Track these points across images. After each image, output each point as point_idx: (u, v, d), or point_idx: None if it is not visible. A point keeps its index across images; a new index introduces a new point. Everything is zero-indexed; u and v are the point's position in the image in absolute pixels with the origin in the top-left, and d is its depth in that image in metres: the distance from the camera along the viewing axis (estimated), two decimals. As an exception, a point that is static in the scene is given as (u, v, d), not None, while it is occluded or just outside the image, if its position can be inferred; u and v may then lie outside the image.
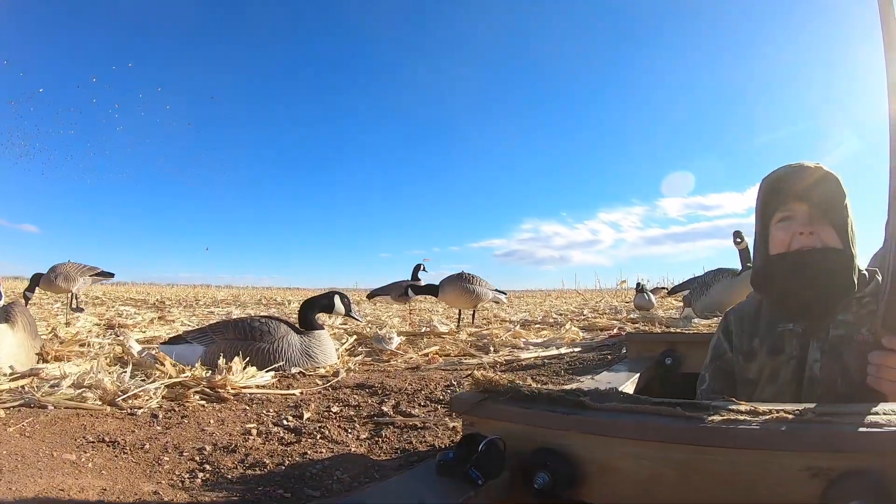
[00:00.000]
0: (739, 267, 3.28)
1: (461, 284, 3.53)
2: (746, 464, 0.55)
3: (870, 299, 0.83)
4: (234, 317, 3.16)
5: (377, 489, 0.64)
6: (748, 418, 0.56)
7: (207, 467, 1.02)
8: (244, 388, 1.55)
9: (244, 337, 1.85)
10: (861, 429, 0.51)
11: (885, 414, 0.53)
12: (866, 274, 0.86)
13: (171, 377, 1.51)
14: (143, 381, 1.48)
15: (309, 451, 1.11)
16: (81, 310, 4.54)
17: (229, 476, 0.99)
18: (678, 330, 2.56)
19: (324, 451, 1.12)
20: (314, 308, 2.09)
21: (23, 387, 1.39)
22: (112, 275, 4.81)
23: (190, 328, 3.45)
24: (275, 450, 1.12)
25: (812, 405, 0.58)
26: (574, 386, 0.76)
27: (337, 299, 2.18)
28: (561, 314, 4.88)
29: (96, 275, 4.60)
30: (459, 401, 0.72)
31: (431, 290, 3.50)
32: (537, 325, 3.76)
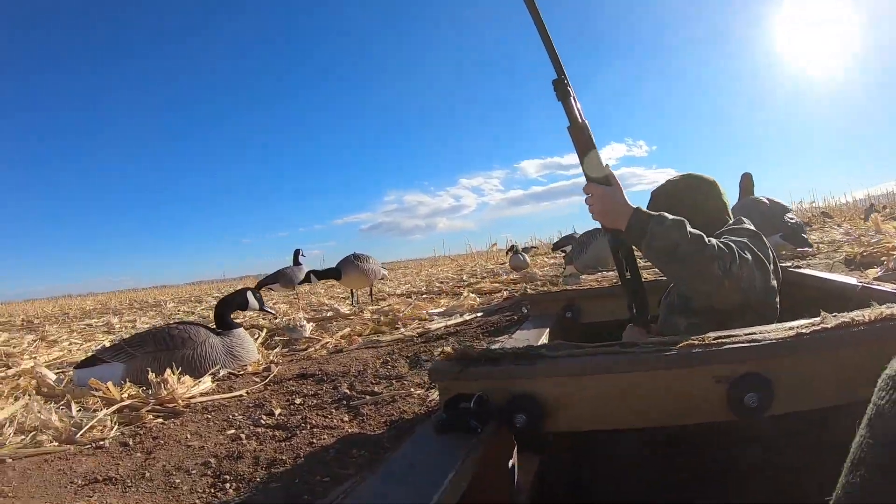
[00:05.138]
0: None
1: (361, 266, 3.64)
2: (672, 378, 0.71)
3: None
4: (148, 328, 2.76)
5: (399, 456, 0.70)
6: (667, 347, 0.73)
7: (228, 478, 0.98)
8: (191, 398, 1.52)
9: (166, 347, 1.73)
10: (746, 344, 0.70)
11: (761, 333, 0.73)
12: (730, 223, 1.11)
13: (121, 400, 1.33)
14: (88, 412, 1.29)
15: (313, 440, 1.13)
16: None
17: (257, 479, 0.96)
18: (573, 287, 2.82)
19: (325, 437, 1.14)
20: (229, 307, 2.09)
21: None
22: None
23: (81, 345, 2.95)
24: (278, 447, 1.11)
25: (710, 333, 0.74)
26: (524, 344, 0.89)
27: (250, 295, 2.22)
28: (442, 282, 5.00)
29: None
30: (438, 371, 0.80)
31: (334, 273, 3.54)
32: (424, 296, 3.87)
